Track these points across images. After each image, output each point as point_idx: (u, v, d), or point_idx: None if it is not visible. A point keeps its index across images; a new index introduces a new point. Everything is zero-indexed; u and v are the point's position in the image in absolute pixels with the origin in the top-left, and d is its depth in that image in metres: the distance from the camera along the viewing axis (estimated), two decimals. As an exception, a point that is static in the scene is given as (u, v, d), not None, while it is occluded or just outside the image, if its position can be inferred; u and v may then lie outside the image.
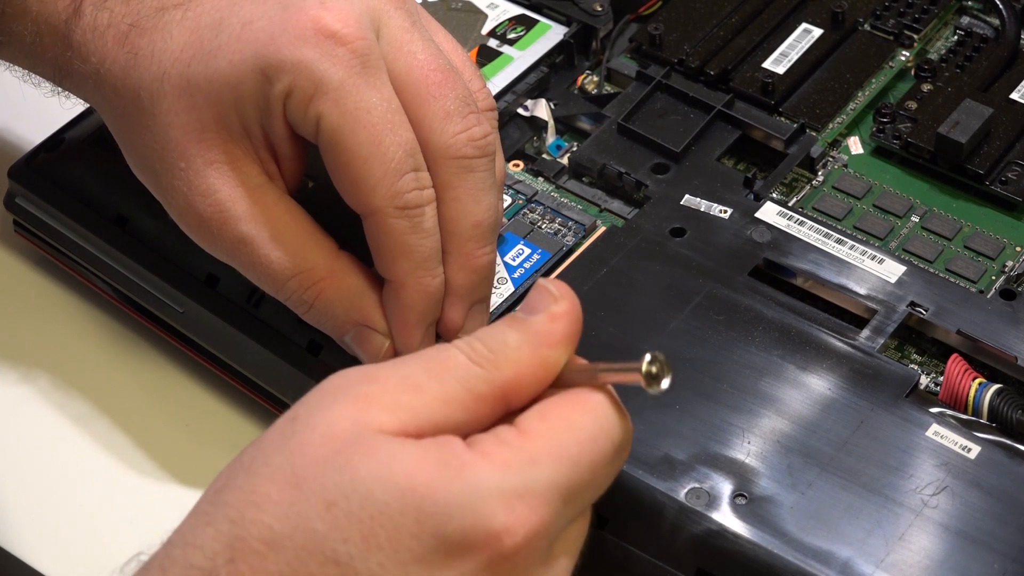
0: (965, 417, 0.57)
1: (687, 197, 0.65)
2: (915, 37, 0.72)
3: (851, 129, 0.69)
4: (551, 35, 0.73)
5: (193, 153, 0.56)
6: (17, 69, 0.63)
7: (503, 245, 0.64)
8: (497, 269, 0.62)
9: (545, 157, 0.69)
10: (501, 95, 0.70)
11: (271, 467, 0.45)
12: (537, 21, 0.73)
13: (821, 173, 0.68)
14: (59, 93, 0.62)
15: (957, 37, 0.73)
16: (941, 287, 0.62)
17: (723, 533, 0.53)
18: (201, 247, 0.58)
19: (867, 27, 0.73)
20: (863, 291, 0.62)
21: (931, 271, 0.63)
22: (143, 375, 0.67)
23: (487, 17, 0.74)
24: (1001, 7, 0.72)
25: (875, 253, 0.63)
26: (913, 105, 0.68)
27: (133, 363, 0.67)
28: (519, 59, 0.71)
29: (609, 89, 0.72)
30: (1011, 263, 0.63)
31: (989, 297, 0.62)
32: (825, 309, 0.62)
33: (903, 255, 0.64)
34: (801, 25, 0.72)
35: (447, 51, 0.58)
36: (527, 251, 0.64)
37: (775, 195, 0.66)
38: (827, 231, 0.64)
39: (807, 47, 0.71)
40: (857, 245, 0.63)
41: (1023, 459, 0.55)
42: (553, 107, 0.71)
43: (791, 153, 0.68)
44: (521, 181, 0.67)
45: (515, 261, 0.64)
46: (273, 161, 0.56)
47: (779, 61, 0.71)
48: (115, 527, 0.62)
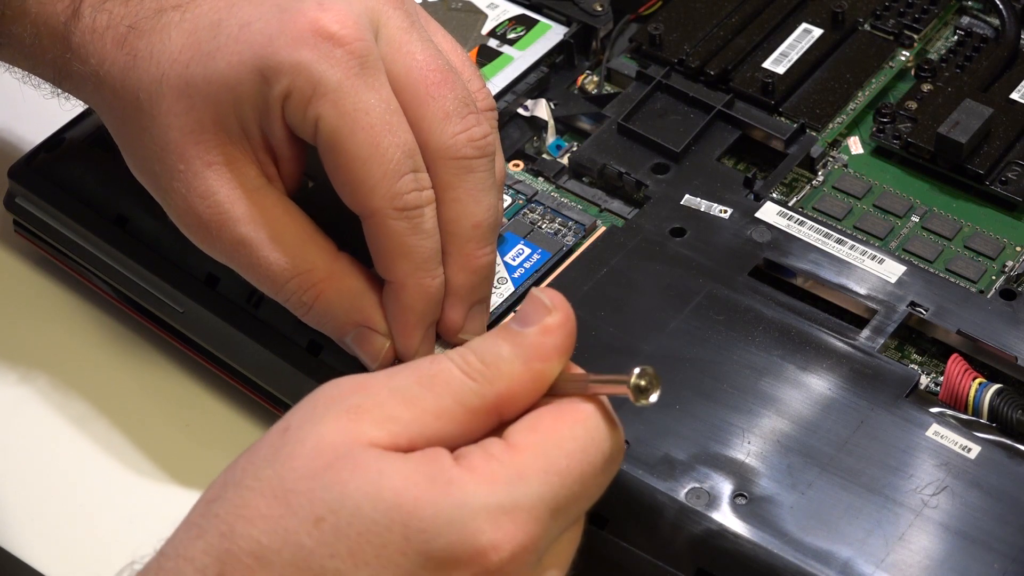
0: (965, 417, 0.57)
1: (687, 197, 0.65)
2: (915, 37, 0.72)
3: (851, 129, 0.69)
4: (551, 35, 0.73)
5: (192, 155, 0.56)
6: (17, 70, 0.63)
7: (503, 245, 0.64)
8: (497, 269, 0.62)
9: (545, 157, 0.69)
10: (501, 95, 0.70)
11: (261, 480, 0.45)
12: (537, 21, 0.73)
13: (821, 173, 0.68)
14: (59, 95, 0.62)
15: (957, 37, 0.73)
16: (941, 287, 0.62)
17: (723, 533, 0.53)
18: (200, 249, 0.58)
19: (867, 27, 0.73)
20: (863, 291, 0.62)
21: (931, 271, 0.63)
22: (143, 375, 0.67)
23: (487, 17, 0.74)
24: (1001, 7, 0.72)
25: (875, 253, 0.63)
26: (913, 105, 0.68)
27: (133, 363, 0.67)
28: (519, 59, 0.71)
29: (609, 89, 0.72)
30: (1011, 263, 0.63)
31: (989, 297, 0.62)
32: (825, 309, 0.62)
33: (903, 255, 0.64)
34: (801, 25, 0.72)
35: (446, 51, 0.57)
36: (527, 251, 0.64)
37: (775, 195, 0.66)
38: (827, 231, 0.64)
39: (807, 47, 0.71)
40: (857, 245, 0.63)
41: (1023, 459, 0.55)
42: (553, 107, 0.71)
43: (791, 153, 0.68)
44: (521, 181, 0.67)
45: (515, 261, 0.63)
46: (272, 163, 0.56)
47: (779, 61, 0.71)
48: (115, 527, 0.62)
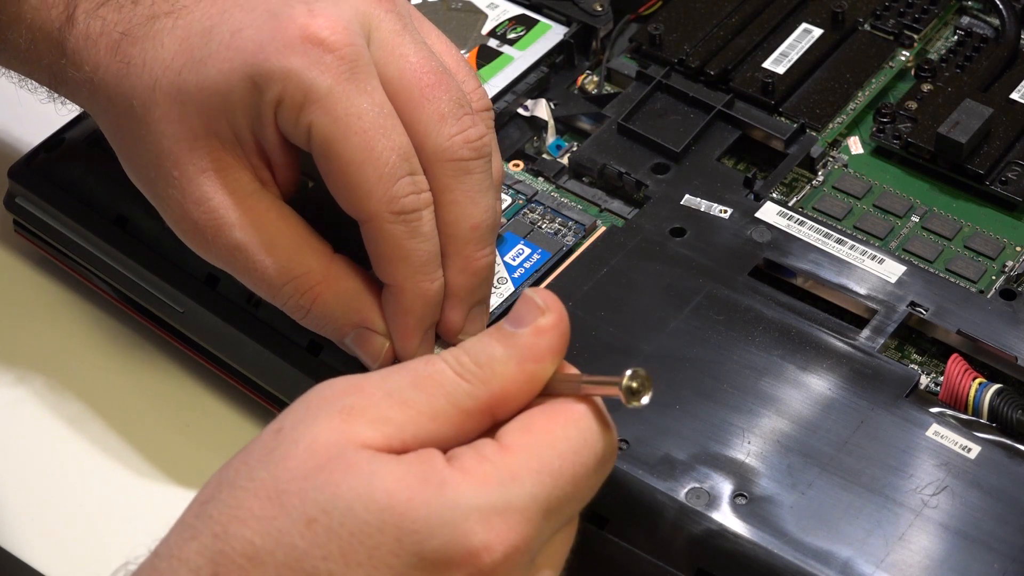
0: (965, 417, 0.57)
1: (687, 197, 0.65)
2: (915, 37, 0.72)
3: (851, 129, 0.69)
4: (551, 35, 0.73)
5: (185, 161, 0.56)
6: (13, 75, 0.63)
7: (503, 245, 0.64)
8: (497, 269, 0.62)
9: (545, 157, 0.69)
10: (501, 95, 0.70)
11: (255, 481, 0.45)
12: (537, 21, 0.73)
13: (821, 173, 0.68)
14: (55, 99, 0.62)
15: (957, 37, 0.73)
16: (941, 287, 0.62)
17: (723, 533, 0.53)
18: (197, 254, 0.58)
19: (867, 27, 0.73)
20: (863, 291, 0.62)
21: (931, 271, 0.63)
22: (143, 375, 0.67)
23: (487, 17, 0.74)
24: (1001, 7, 0.72)
25: (875, 253, 0.63)
26: (913, 105, 0.68)
27: (133, 363, 0.67)
28: (519, 59, 0.71)
29: (609, 89, 0.72)
30: (1011, 263, 0.63)
31: (989, 297, 0.62)
32: (825, 309, 0.62)
33: (903, 255, 0.64)
34: (801, 25, 0.72)
35: (440, 52, 0.57)
36: (527, 251, 0.64)
37: (775, 195, 0.66)
38: (827, 231, 0.64)
39: (807, 47, 0.71)
40: (857, 245, 0.63)
41: (1023, 459, 0.55)
42: (553, 107, 0.71)
43: (791, 153, 0.68)
44: (521, 181, 0.67)
45: (515, 261, 0.63)
46: (266, 168, 0.56)
47: (779, 61, 0.71)
48: (115, 527, 0.62)
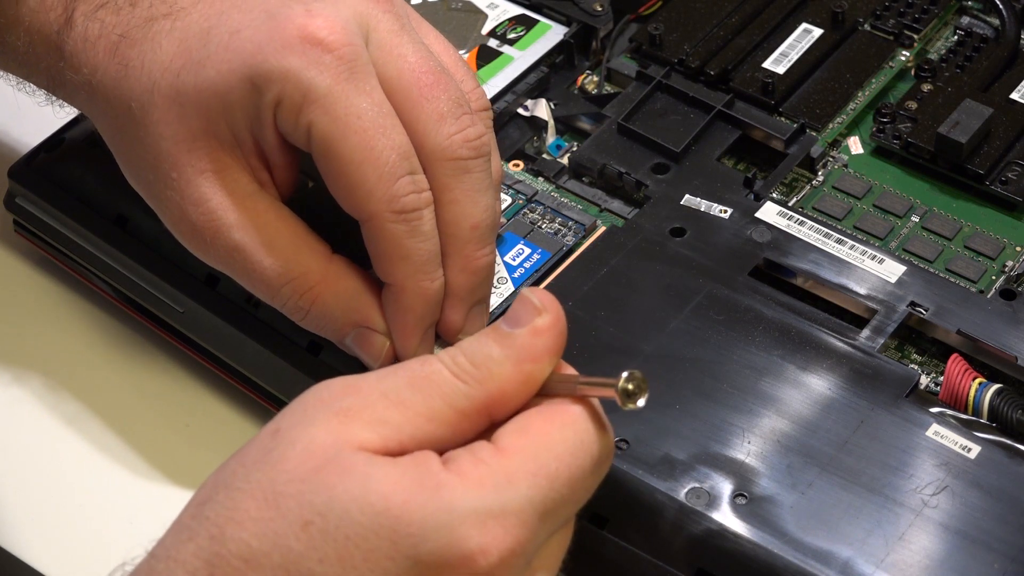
0: (965, 417, 0.57)
1: (687, 197, 0.65)
2: (915, 37, 0.72)
3: (851, 129, 0.69)
4: (551, 35, 0.73)
5: (184, 163, 0.55)
6: (11, 78, 0.63)
7: (503, 245, 0.64)
8: (497, 269, 0.62)
9: (545, 157, 0.69)
10: (501, 95, 0.70)
11: (251, 483, 0.45)
12: (537, 21, 0.73)
13: (821, 173, 0.68)
14: (53, 102, 0.62)
15: (957, 37, 0.73)
16: (941, 287, 0.62)
17: (723, 533, 0.53)
18: (196, 255, 0.58)
19: (867, 27, 0.73)
20: (863, 291, 0.62)
21: (931, 271, 0.63)
22: (143, 375, 0.67)
23: (487, 17, 0.74)
24: (1001, 7, 0.72)
25: (875, 253, 0.63)
26: (913, 105, 0.68)
27: (133, 363, 0.67)
28: (519, 59, 0.71)
29: (609, 89, 0.72)
30: (1011, 263, 0.63)
31: (989, 297, 0.62)
32: (825, 309, 0.62)
33: (903, 255, 0.64)
34: (801, 25, 0.72)
35: (438, 52, 0.57)
36: (527, 251, 0.64)
37: (775, 195, 0.66)
38: (827, 231, 0.64)
39: (807, 47, 0.71)
40: (857, 245, 0.63)
41: (1023, 459, 0.55)
42: (553, 107, 0.71)
43: (791, 153, 0.68)
44: (521, 181, 0.67)
45: (515, 261, 0.63)
46: (264, 169, 0.56)
47: (779, 61, 0.71)
48: (114, 527, 0.62)
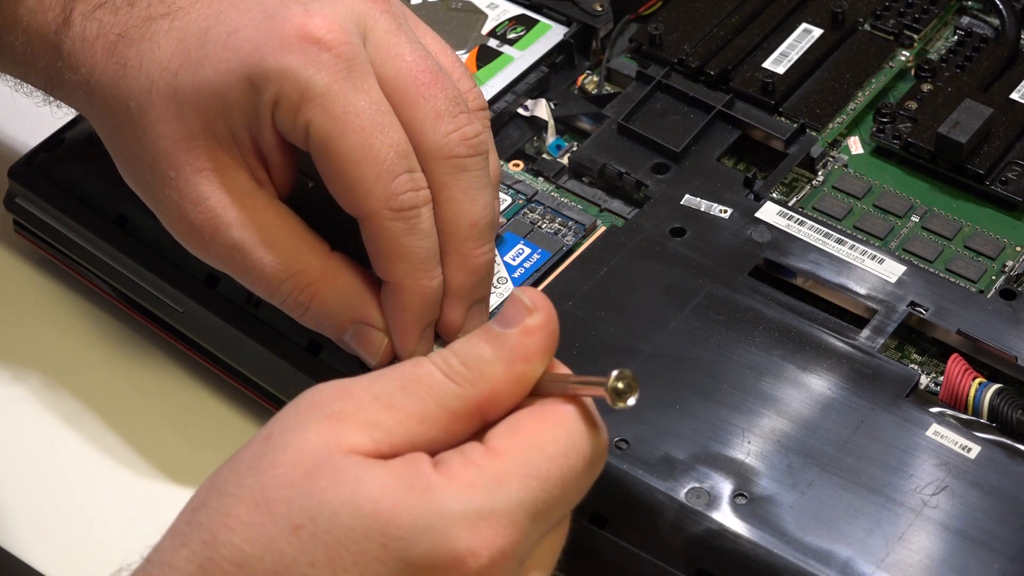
0: (965, 417, 0.57)
1: (687, 197, 0.65)
2: (915, 37, 0.72)
3: (851, 129, 0.69)
4: (551, 35, 0.73)
5: (182, 162, 0.56)
6: (9, 78, 0.63)
7: (503, 245, 0.64)
8: (497, 269, 0.62)
9: (545, 157, 0.69)
10: (501, 95, 0.70)
11: (243, 488, 0.45)
12: (537, 21, 0.73)
13: (821, 173, 0.68)
14: (51, 102, 0.62)
15: (957, 37, 0.73)
16: (941, 287, 0.62)
17: (723, 533, 0.53)
18: (195, 255, 0.58)
19: (867, 27, 0.73)
20: (863, 291, 0.62)
21: (931, 271, 0.63)
22: (143, 375, 0.67)
23: (487, 17, 0.74)
24: (1001, 7, 0.72)
25: (875, 253, 0.63)
26: (913, 105, 0.68)
27: (133, 363, 0.67)
28: (519, 59, 0.71)
29: (609, 89, 0.72)
30: (1011, 263, 0.63)
31: (989, 297, 0.62)
32: (825, 309, 0.62)
33: (903, 255, 0.64)
34: (801, 25, 0.72)
35: (435, 52, 0.57)
36: (527, 251, 0.64)
37: (775, 195, 0.66)
38: (827, 231, 0.64)
39: (807, 47, 0.71)
40: (857, 245, 0.63)
41: (1023, 459, 0.55)
42: (553, 107, 0.71)
43: (791, 153, 0.68)
44: (521, 181, 0.67)
45: (515, 261, 0.63)
46: (262, 168, 0.56)
47: (779, 61, 0.71)
48: (114, 527, 0.62)
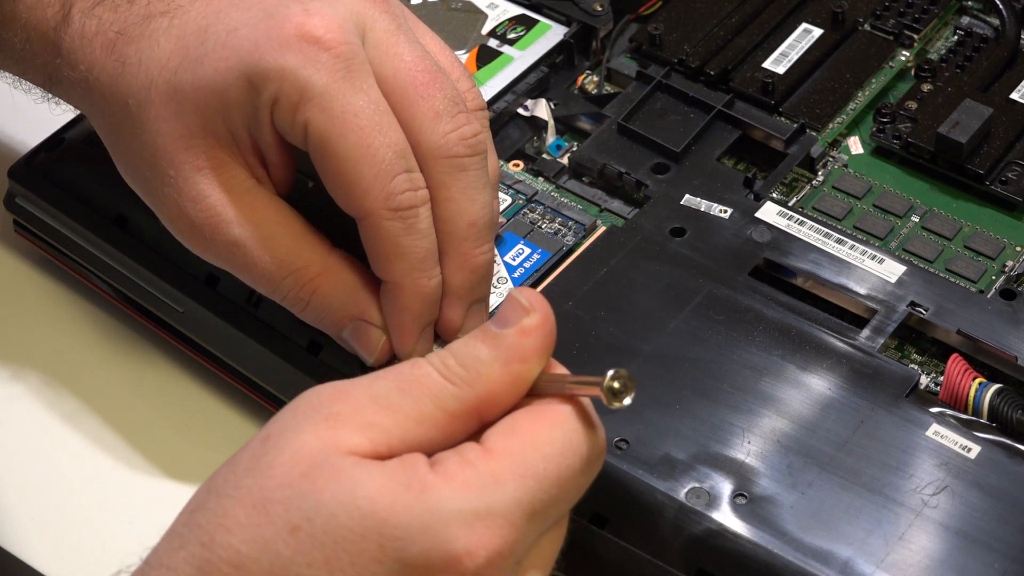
0: (965, 417, 0.57)
1: (687, 197, 0.65)
2: (915, 37, 0.72)
3: (851, 129, 0.69)
4: (551, 35, 0.73)
5: (181, 160, 0.56)
6: (7, 75, 0.63)
7: (503, 245, 0.64)
8: (497, 269, 0.62)
9: (545, 157, 0.69)
10: (501, 95, 0.70)
11: (241, 489, 0.45)
12: (537, 21, 0.73)
13: (821, 173, 0.68)
14: (49, 99, 0.62)
15: (957, 37, 0.73)
16: (941, 287, 0.62)
17: (723, 533, 0.53)
18: (195, 253, 0.58)
19: (867, 27, 0.73)
20: (863, 291, 0.62)
21: (931, 271, 0.63)
22: (143, 375, 0.67)
23: (487, 17, 0.74)
24: (1001, 7, 0.72)
25: (875, 253, 0.63)
26: (913, 105, 0.68)
27: (133, 363, 0.67)
28: (519, 59, 0.71)
29: (609, 89, 0.72)
30: (1011, 263, 0.63)
31: (989, 297, 0.62)
32: (825, 309, 0.62)
33: (903, 255, 0.64)
34: (801, 25, 0.72)
35: (434, 52, 0.57)
36: (527, 251, 0.64)
37: (775, 195, 0.66)
38: (827, 231, 0.64)
39: (807, 47, 0.71)
40: (857, 245, 0.63)
41: (1023, 459, 0.55)
42: (553, 107, 0.71)
43: (791, 153, 0.68)
44: (521, 181, 0.67)
45: (515, 261, 0.63)
46: (261, 166, 0.56)
47: (779, 61, 0.71)
48: (114, 526, 0.62)
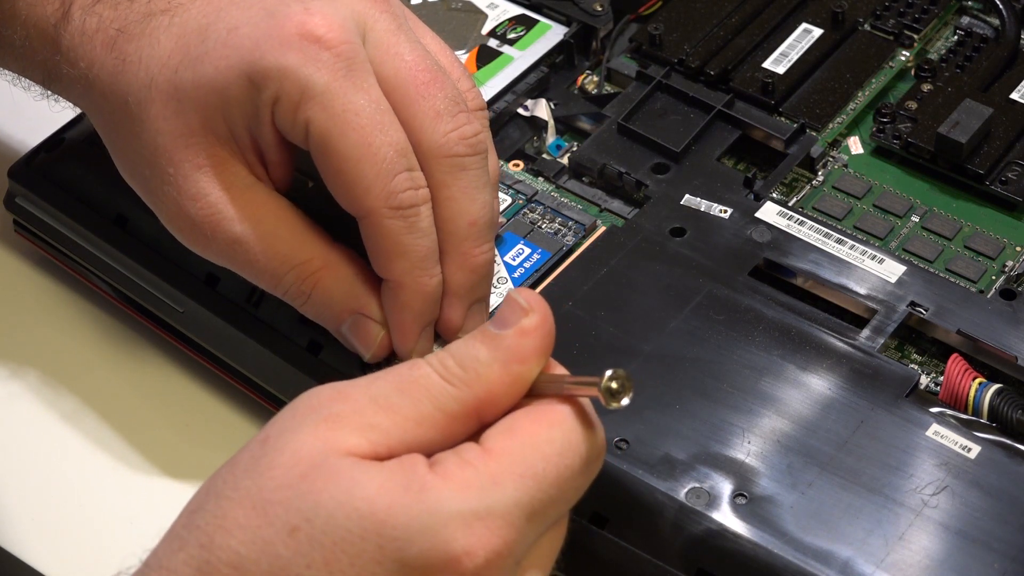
0: (965, 417, 0.57)
1: (687, 197, 0.65)
2: (915, 37, 0.72)
3: (851, 129, 0.69)
4: (551, 35, 0.73)
5: (181, 158, 0.56)
6: (7, 73, 0.63)
7: (503, 245, 0.64)
8: (497, 269, 0.62)
9: (545, 157, 0.69)
10: (501, 95, 0.70)
11: (240, 491, 0.45)
12: (537, 21, 0.73)
13: (821, 173, 0.68)
14: (49, 96, 0.62)
15: (957, 37, 0.73)
16: (941, 287, 0.62)
17: (723, 533, 0.53)
18: (194, 251, 0.58)
19: (867, 27, 0.73)
20: (863, 291, 0.62)
21: (931, 271, 0.63)
22: (143, 375, 0.67)
23: (487, 17, 0.74)
24: (1001, 7, 0.72)
25: (875, 253, 0.63)
26: (913, 105, 0.68)
27: (133, 363, 0.67)
28: (519, 59, 0.71)
29: (609, 89, 0.72)
30: (1011, 263, 0.63)
31: (989, 297, 0.62)
32: (825, 309, 0.62)
33: (903, 255, 0.64)
34: (801, 25, 0.72)
35: (434, 52, 0.57)
36: (527, 251, 0.64)
37: (775, 195, 0.66)
38: (827, 231, 0.64)
39: (807, 47, 0.71)
40: (857, 245, 0.63)
41: (1023, 459, 0.55)
42: (553, 107, 0.71)
43: (791, 153, 0.68)
44: (521, 181, 0.67)
45: (515, 261, 0.63)
46: (261, 165, 0.56)
47: (779, 61, 0.71)
48: (114, 527, 0.62)
